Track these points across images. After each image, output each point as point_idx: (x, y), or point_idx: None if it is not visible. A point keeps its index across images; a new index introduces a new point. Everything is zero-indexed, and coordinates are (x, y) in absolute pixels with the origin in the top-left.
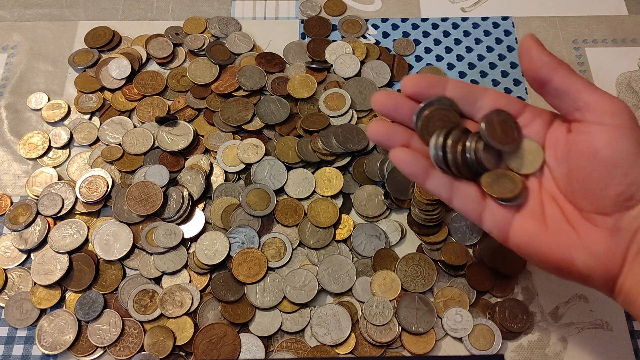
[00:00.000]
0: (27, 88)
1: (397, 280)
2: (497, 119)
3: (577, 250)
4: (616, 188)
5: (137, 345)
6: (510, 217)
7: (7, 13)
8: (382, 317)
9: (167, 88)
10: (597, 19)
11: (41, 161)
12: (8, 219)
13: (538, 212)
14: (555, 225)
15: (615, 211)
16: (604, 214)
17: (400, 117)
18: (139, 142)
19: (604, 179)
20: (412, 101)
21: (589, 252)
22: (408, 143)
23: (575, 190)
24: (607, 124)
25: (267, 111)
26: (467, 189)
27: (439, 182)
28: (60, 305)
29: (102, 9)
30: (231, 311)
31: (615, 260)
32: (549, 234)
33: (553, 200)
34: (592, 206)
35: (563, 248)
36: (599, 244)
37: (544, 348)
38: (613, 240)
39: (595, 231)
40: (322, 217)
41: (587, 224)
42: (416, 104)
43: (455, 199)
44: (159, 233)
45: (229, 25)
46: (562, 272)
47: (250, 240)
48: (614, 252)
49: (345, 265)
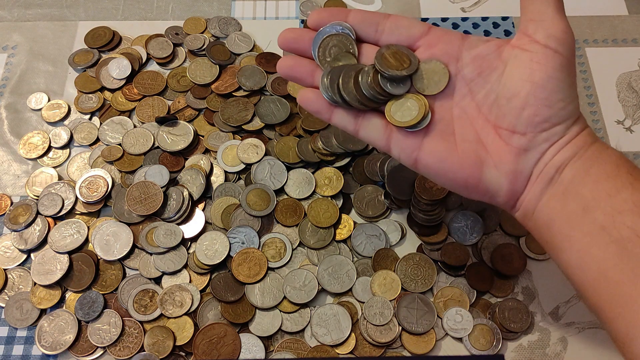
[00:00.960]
0: (27, 88)
1: (397, 280)
2: (388, 51)
3: (486, 167)
4: (536, 109)
5: (137, 345)
6: (417, 143)
7: (7, 13)
8: (382, 317)
9: (167, 88)
10: (597, 19)
11: (41, 161)
12: (8, 219)
13: (447, 132)
14: (464, 144)
15: (529, 131)
16: (520, 133)
17: (302, 48)
18: (139, 142)
19: (529, 98)
20: (312, 32)
21: (498, 169)
22: (313, 74)
23: (499, 106)
24: (551, 48)
25: (267, 111)
26: (371, 119)
27: (343, 116)
28: (60, 305)
29: (102, 9)
30: (231, 311)
31: (521, 179)
32: (458, 154)
33: (467, 118)
34: (510, 124)
35: (472, 167)
36: (509, 161)
37: (544, 348)
38: (522, 158)
39: (507, 149)
40: (322, 217)
41: (500, 142)
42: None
43: (361, 130)
44: (159, 233)
45: (229, 25)
46: (469, 190)
47: (251, 241)
48: (521, 170)
49: (345, 265)
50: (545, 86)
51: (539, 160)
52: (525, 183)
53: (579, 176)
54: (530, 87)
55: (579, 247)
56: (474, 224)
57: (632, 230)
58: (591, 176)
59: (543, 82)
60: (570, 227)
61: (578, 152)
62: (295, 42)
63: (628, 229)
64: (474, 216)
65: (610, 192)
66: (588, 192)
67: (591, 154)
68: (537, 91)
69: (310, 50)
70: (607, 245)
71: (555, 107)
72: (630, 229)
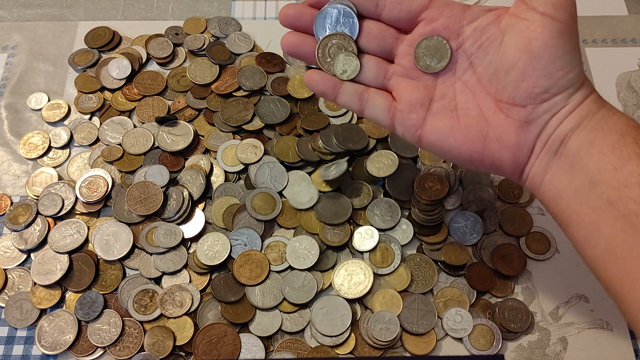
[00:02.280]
0: (27, 88)
1: (397, 296)
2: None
3: (489, 141)
4: (534, 80)
5: (137, 345)
6: (420, 120)
7: (7, 13)
8: (388, 332)
9: (167, 88)
10: (597, 19)
11: (41, 161)
12: (8, 219)
13: (449, 108)
14: (467, 119)
15: (529, 103)
16: (520, 106)
17: (304, 26)
18: (139, 142)
19: (526, 69)
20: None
21: (500, 142)
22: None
23: (498, 79)
24: (548, 15)
25: (267, 111)
26: (375, 98)
27: (348, 96)
28: (60, 305)
29: (102, 9)
30: (231, 311)
31: (524, 151)
32: (460, 129)
33: (469, 92)
34: (510, 97)
35: (475, 141)
36: (510, 134)
37: (544, 348)
38: (524, 131)
39: (508, 122)
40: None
41: (501, 115)
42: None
43: (365, 110)
44: (159, 233)
45: (229, 25)
46: (474, 163)
47: (253, 243)
48: (523, 142)
49: (341, 309)
50: (542, 56)
51: (541, 132)
52: (528, 155)
53: (584, 148)
54: (527, 58)
55: (587, 222)
56: (474, 224)
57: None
58: (596, 147)
59: (540, 51)
60: (578, 202)
61: (582, 122)
62: (297, 19)
63: (635, 203)
64: (474, 216)
65: (616, 165)
66: (594, 164)
67: (596, 123)
68: (534, 62)
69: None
70: (615, 221)
71: (554, 76)
72: (637, 204)
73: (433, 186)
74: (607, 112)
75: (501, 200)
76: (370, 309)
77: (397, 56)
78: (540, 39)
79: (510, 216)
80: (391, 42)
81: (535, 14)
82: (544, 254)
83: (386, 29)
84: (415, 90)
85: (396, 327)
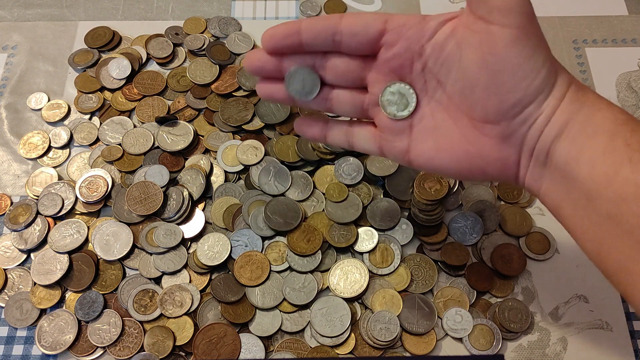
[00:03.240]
0: (27, 88)
1: (397, 296)
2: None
3: (472, 157)
4: (500, 97)
5: (137, 345)
6: (406, 145)
7: (7, 13)
8: (388, 332)
9: (167, 88)
10: (597, 19)
11: (41, 161)
12: (8, 219)
13: (430, 128)
14: (447, 139)
15: (501, 119)
16: (492, 123)
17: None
18: (139, 142)
19: (489, 87)
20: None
21: (483, 159)
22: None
23: (466, 97)
24: (498, 23)
25: (267, 111)
26: (360, 132)
27: (337, 136)
28: (60, 305)
29: (102, 9)
30: (231, 311)
31: (510, 164)
32: (444, 149)
33: (444, 111)
34: (480, 115)
35: (460, 159)
36: (491, 151)
37: (544, 348)
38: (503, 146)
39: (485, 140)
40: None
41: (477, 133)
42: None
43: (355, 144)
44: (159, 233)
45: (229, 25)
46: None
47: (254, 244)
48: (506, 157)
49: (340, 310)
50: (502, 70)
51: (522, 144)
52: (515, 168)
53: (573, 158)
54: (487, 75)
55: (591, 237)
56: (474, 224)
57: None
58: (585, 156)
59: (497, 67)
60: (579, 217)
61: (565, 129)
62: (262, 70)
63: (636, 216)
64: (474, 216)
65: (609, 174)
66: (586, 177)
67: (580, 127)
68: (495, 78)
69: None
70: (620, 237)
71: (519, 88)
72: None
73: (433, 186)
74: (590, 109)
75: (501, 200)
76: (370, 309)
77: (369, 84)
78: (494, 53)
79: (510, 216)
80: (359, 72)
81: (484, 24)
82: (544, 254)
83: (350, 61)
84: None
85: (396, 327)
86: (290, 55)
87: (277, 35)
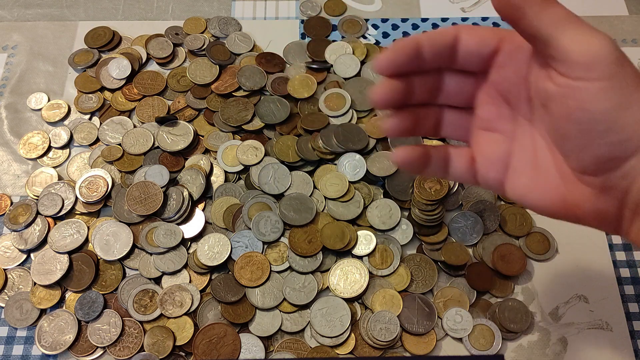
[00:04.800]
0: (27, 88)
1: (397, 296)
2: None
3: (568, 204)
4: (596, 150)
5: (137, 345)
6: (500, 177)
7: (7, 13)
8: (388, 332)
9: (167, 88)
10: (597, 19)
11: (41, 161)
12: (8, 219)
13: (529, 163)
14: (544, 179)
15: (599, 171)
16: (590, 174)
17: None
18: (139, 142)
19: (581, 140)
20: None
21: (579, 209)
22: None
23: (559, 145)
24: (582, 79)
25: (267, 111)
26: (455, 161)
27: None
28: (60, 305)
29: (102, 9)
30: (231, 311)
31: (609, 218)
32: (540, 188)
33: (546, 148)
34: (577, 165)
35: (555, 202)
36: (588, 202)
37: (544, 348)
38: (602, 199)
39: (582, 188)
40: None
41: (574, 179)
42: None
43: (450, 174)
44: (159, 233)
45: (229, 25)
46: (559, 218)
47: (254, 245)
48: (605, 210)
49: (340, 310)
50: (592, 127)
51: (624, 199)
52: (616, 222)
53: None
54: (577, 129)
55: None
56: (474, 224)
57: None
58: None
59: (587, 123)
60: None
61: None
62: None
63: None
64: (474, 216)
65: None
66: None
67: None
68: (585, 133)
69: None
70: None
71: (614, 143)
72: None
73: (433, 186)
74: None
75: (501, 200)
76: (370, 309)
77: (477, 106)
78: (581, 110)
79: (510, 216)
80: (469, 90)
81: (564, 80)
82: (544, 254)
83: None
84: (494, 145)
85: (396, 327)
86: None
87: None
